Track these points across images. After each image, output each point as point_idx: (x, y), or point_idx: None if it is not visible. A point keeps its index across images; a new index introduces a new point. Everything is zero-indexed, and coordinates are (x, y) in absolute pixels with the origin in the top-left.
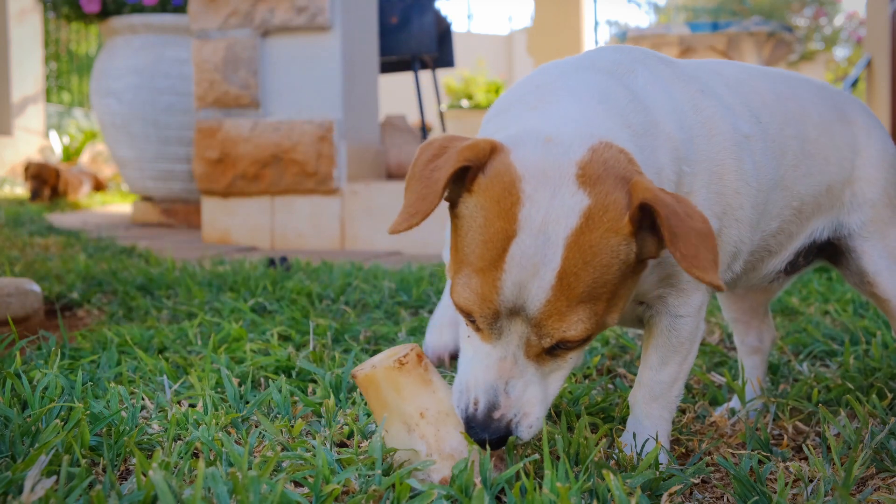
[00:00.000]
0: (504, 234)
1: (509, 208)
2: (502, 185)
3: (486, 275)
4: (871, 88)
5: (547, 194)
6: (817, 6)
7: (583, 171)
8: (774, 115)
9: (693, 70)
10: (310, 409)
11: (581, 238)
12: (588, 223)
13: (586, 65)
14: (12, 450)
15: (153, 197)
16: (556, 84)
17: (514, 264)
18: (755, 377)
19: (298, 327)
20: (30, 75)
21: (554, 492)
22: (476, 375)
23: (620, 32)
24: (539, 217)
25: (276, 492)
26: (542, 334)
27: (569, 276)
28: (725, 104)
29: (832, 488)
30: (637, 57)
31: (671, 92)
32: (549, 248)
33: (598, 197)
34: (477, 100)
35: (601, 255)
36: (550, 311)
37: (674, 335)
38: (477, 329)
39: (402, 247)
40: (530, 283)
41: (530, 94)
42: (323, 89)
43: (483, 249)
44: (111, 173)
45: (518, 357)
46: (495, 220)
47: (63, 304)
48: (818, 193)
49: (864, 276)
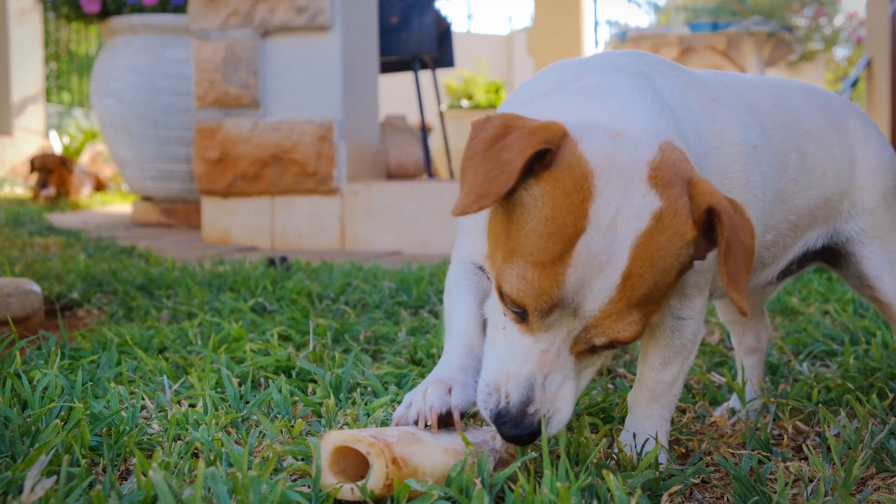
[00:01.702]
0: (573, 228)
1: (580, 202)
2: (574, 178)
3: (548, 268)
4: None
5: (618, 192)
6: (817, 6)
7: (654, 172)
8: (777, 127)
9: (702, 78)
10: (310, 409)
11: (650, 240)
12: (658, 225)
13: (615, 67)
14: (12, 450)
15: (153, 197)
16: (600, 79)
17: (580, 261)
18: (754, 377)
19: (298, 327)
20: (30, 75)
21: (553, 491)
22: (509, 371)
23: (620, 32)
24: (609, 214)
25: (276, 492)
26: (596, 333)
27: (633, 277)
28: (737, 113)
29: (832, 488)
30: (652, 63)
31: (688, 101)
32: (616, 247)
33: (668, 199)
34: (477, 100)
35: (666, 258)
36: (609, 311)
37: (677, 336)
38: (519, 321)
39: (402, 247)
40: (594, 281)
41: (573, 85)
42: (323, 89)
43: (547, 242)
44: (111, 173)
45: (562, 351)
46: (564, 213)
47: (63, 304)
48: (815, 207)
49: (865, 280)
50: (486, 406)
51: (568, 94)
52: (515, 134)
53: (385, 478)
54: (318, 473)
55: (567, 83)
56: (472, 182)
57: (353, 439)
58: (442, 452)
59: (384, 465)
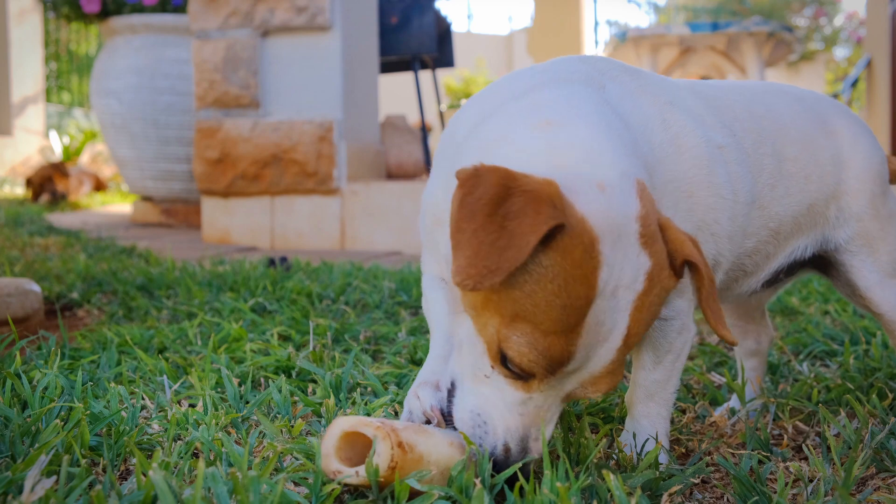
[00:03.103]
0: (585, 300)
1: (590, 273)
2: (583, 248)
3: (560, 338)
4: (871, 88)
5: (619, 256)
6: (817, 6)
7: (643, 229)
8: (748, 131)
9: (661, 82)
10: (310, 409)
11: (644, 300)
12: (650, 285)
13: (563, 76)
14: (12, 450)
15: (153, 197)
16: (546, 95)
17: (590, 330)
18: (755, 377)
19: (298, 327)
20: (30, 75)
21: (553, 492)
22: (507, 422)
23: (620, 32)
24: (613, 281)
25: (276, 492)
26: (593, 389)
27: (630, 336)
28: (695, 115)
29: (832, 488)
30: (603, 69)
31: (640, 105)
32: (618, 312)
33: (656, 257)
34: None
35: (656, 309)
36: (608, 370)
37: (663, 336)
38: (514, 378)
39: (402, 247)
40: (599, 347)
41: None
42: (323, 89)
43: (560, 314)
44: (111, 173)
45: (554, 404)
46: (576, 285)
47: (63, 304)
48: (798, 213)
49: (856, 290)
50: (480, 441)
51: (518, 115)
52: (519, 200)
53: (390, 459)
54: (320, 473)
55: (516, 96)
56: (475, 251)
57: (360, 423)
58: (448, 445)
59: (390, 447)
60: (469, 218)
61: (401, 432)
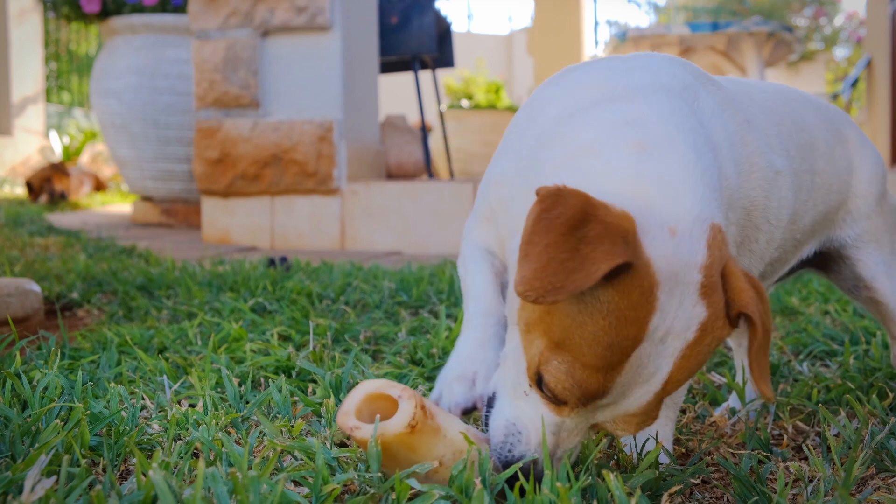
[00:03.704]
0: (632, 341)
1: (644, 317)
2: (641, 291)
3: (599, 374)
4: (871, 88)
5: (674, 304)
6: (817, 6)
7: (705, 279)
8: (798, 149)
9: (735, 94)
10: (310, 409)
11: (693, 349)
12: (701, 335)
13: (658, 83)
14: (12, 450)
15: (153, 197)
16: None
17: (631, 370)
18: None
19: (298, 327)
20: (30, 75)
21: (554, 492)
22: (540, 435)
23: (620, 32)
24: (664, 327)
25: (276, 492)
26: (624, 427)
27: (671, 382)
28: (765, 137)
29: (832, 488)
30: (698, 76)
31: (725, 122)
32: (664, 358)
33: (713, 308)
34: (477, 100)
35: (703, 358)
36: (642, 410)
37: None
38: (550, 401)
39: (402, 247)
40: (638, 388)
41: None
42: (323, 89)
43: (605, 351)
44: (111, 173)
45: (582, 431)
46: (627, 326)
47: (63, 304)
48: (816, 222)
49: (861, 281)
50: (510, 447)
51: (610, 128)
52: (595, 227)
53: (412, 418)
54: (320, 473)
55: (610, 98)
56: (544, 265)
57: (386, 386)
58: (459, 432)
59: (414, 406)
60: (544, 232)
61: (424, 400)
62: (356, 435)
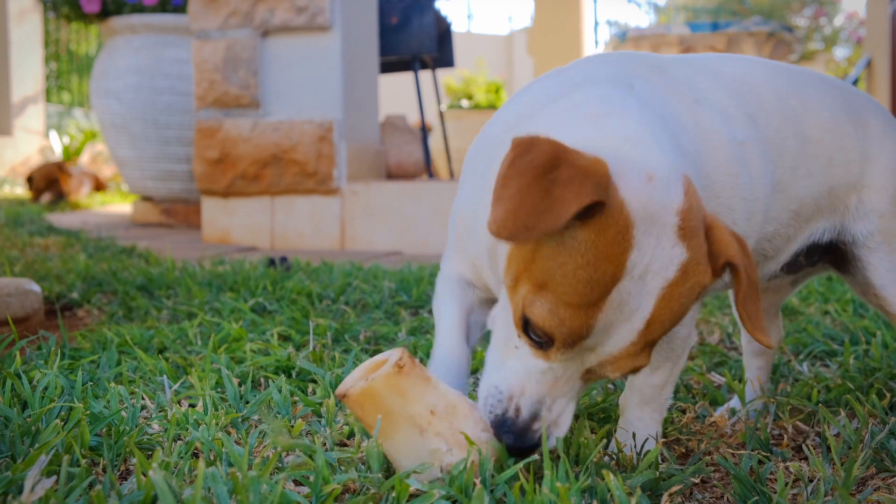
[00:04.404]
0: (611, 277)
1: (620, 253)
2: (617, 229)
3: (581, 311)
4: (871, 88)
5: (652, 242)
6: (817, 6)
7: (683, 223)
8: (771, 115)
9: (685, 75)
10: (310, 409)
11: (674, 289)
12: (683, 276)
13: (592, 77)
14: (12, 450)
15: (153, 197)
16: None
17: (612, 307)
18: (757, 377)
19: (298, 327)
20: (30, 75)
21: (554, 492)
22: (523, 385)
23: (620, 32)
24: (642, 264)
25: (276, 492)
26: (610, 368)
27: (655, 323)
28: (720, 110)
29: (832, 488)
30: (631, 67)
31: (671, 107)
32: (644, 296)
33: (693, 251)
34: (477, 100)
35: (686, 303)
36: (628, 352)
37: (667, 342)
38: (537, 347)
39: (402, 247)
40: (620, 326)
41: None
42: (323, 89)
43: (585, 287)
44: (111, 173)
45: (573, 378)
46: (604, 263)
47: (63, 304)
48: (819, 195)
49: (870, 287)
50: (492, 409)
51: (563, 112)
52: (567, 170)
53: (399, 359)
54: (320, 473)
55: (556, 98)
56: (516, 206)
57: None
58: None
59: (400, 352)
60: (517, 176)
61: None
62: (350, 393)
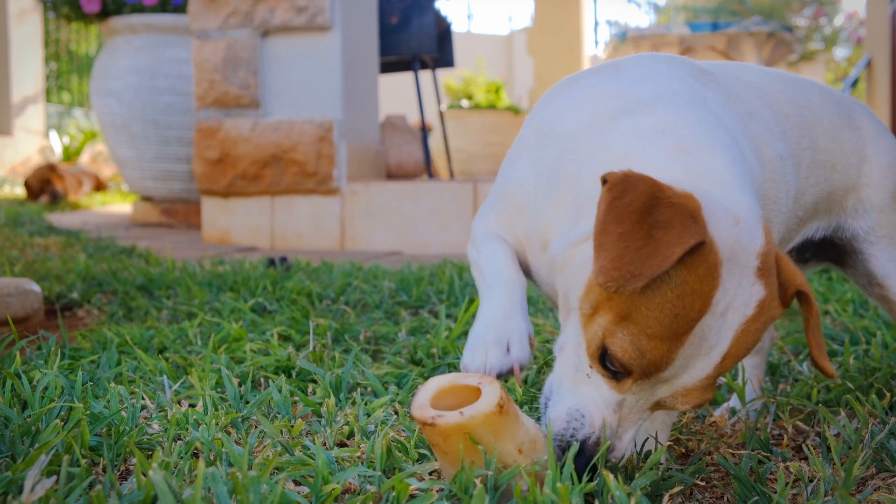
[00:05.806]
0: (697, 313)
1: (708, 291)
2: (707, 267)
3: (664, 344)
4: (871, 88)
5: (734, 282)
6: (817, 6)
7: (762, 264)
8: (794, 126)
9: (731, 86)
10: (310, 409)
11: (750, 325)
12: (759, 312)
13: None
14: (12, 450)
15: (153, 197)
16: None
17: (693, 342)
18: (755, 377)
19: (298, 327)
20: (30, 75)
21: (554, 492)
22: (603, 414)
23: (620, 32)
24: (725, 302)
25: (276, 492)
26: (683, 401)
27: (729, 357)
28: (766, 123)
29: (832, 488)
30: (697, 76)
31: (734, 118)
32: (723, 332)
33: (769, 288)
34: (477, 100)
35: (758, 336)
36: (702, 385)
37: None
38: (611, 377)
39: (402, 247)
40: (698, 360)
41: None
42: (323, 89)
43: (672, 321)
44: (111, 173)
45: (643, 409)
46: (692, 299)
47: (63, 304)
48: (819, 200)
49: (874, 279)
50: (574, 433)
51: (643, 136)
52: (665, 211)
53: (500, 398)
54: (320, 473)
55: (628, 109)
56: (620, 254)
57: (459, 378)
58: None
59: (499, 388)
60: (617, 221)
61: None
62: (440, 423)
